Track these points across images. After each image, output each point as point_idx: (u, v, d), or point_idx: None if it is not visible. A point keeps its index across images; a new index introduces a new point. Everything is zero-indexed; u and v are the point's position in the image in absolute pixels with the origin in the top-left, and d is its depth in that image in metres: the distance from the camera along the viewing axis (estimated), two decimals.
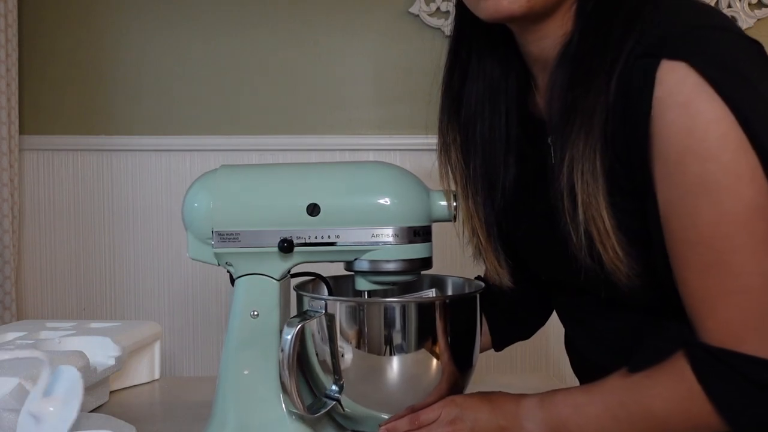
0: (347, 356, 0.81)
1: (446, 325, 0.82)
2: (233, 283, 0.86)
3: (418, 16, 1.83)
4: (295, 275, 0.91)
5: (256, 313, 0.84)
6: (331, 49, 1.85)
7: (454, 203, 0.85)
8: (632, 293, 0.77)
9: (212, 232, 0.83)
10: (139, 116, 1.88)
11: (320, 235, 0.82)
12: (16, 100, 1.81)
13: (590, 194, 0.74)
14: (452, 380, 0.84)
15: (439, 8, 1.83)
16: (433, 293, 0.95)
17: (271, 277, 0.84)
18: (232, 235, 0.83)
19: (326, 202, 0.82)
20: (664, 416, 0.72)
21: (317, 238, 0.82)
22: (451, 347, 0.83)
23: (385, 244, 0.82)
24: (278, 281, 0.84)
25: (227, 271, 0.86)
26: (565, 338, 0.99)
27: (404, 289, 0.95)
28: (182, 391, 1.17)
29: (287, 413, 0.83)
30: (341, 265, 0.87)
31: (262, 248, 0.82)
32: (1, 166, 1.77)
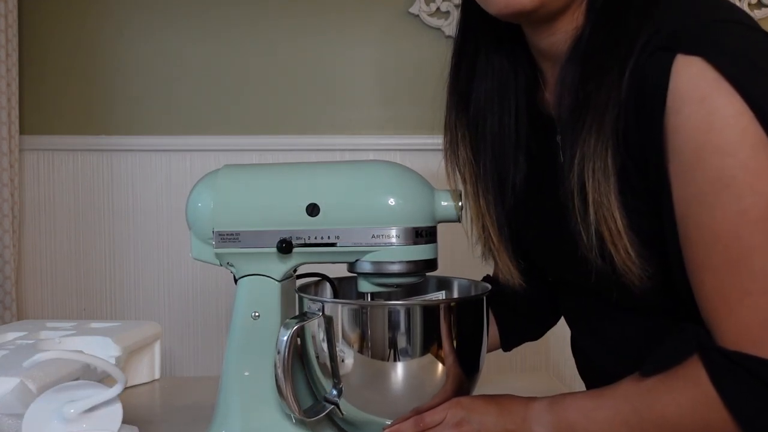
0: (347, 360, 0.80)
1: (452, 328, 0.80)
2: (236, 283, 0.85)
3: (418, 16, 1.83)
4: (300, 276, 0.91)
5: (257, 314, 0.83)
6: (331, 49, 1.85)
7: (460, 203, 0.83)
8: (644, 295, 0.75)
9: (213, 232, 0.82)
10: (139, 116, 1.88)
11: (320, 235, 0.81)
12: (16, 100, 1.81)
13: (601, 193, 0.72)
14: (458, 385, 0.82)
15: (439, 8, 1.83)
16: (442, 296, 0.93)
17: (271, 278, 0.83)
18: (232, 235, 0.82)
19: (326, 202, 0.81)
20: (678, 422, 0.70)
21: (317, 238, 0.81)
22: (457, 351, 0.81)
23: (386, 245, 0.80)
24: (279, 282, 0.84)
25: (230, 271, 0.86)
26: (571, 340, 0.98)
27: (410, 291, 0.93)
28: (182, 391, 1.17)
29: (288, 415, 0.83)
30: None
31: (262, 249, 0.82)
32: (1, 166, 1.77)
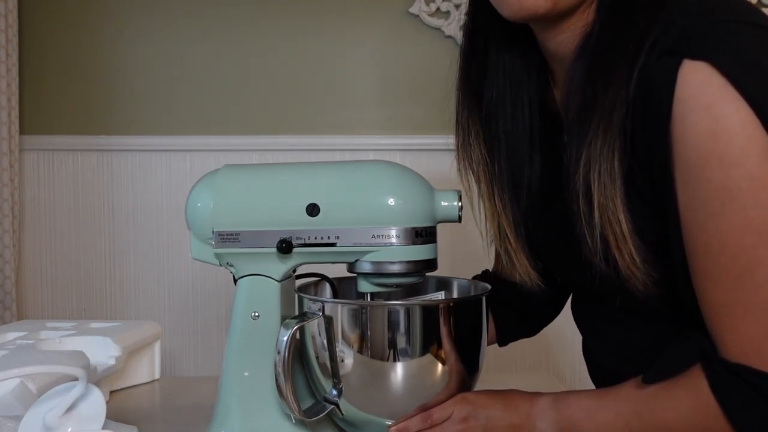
0: (347, 360, 0.80)
1: (451, 328, 0.80)
2: (236, 283, 0.85)
3: (418, 16, 1.83)
4: (300, 276, 0.91)
5: (256, 314, 0.83)
6: (331, 49, 1.85)
7: (459, 203, 0.82)
8: (649, 302, 0.75)
9: (213, 232, 0.82)
10: (139, 116, 1.88)
11: (320, 235, 0.81)
12: (16, 100, 1.81)
13: (607, 196, 0.71)
14: (457, 385, 0.82)
15: (439, 8, 1.83)
16: (441, 296, 0.93)
17: (271, 278, 0.83)
18: (231, 235, 0.82)
19: (326, 202, 0.81)
20: (677, 429, 0.70)
21: (317, 238, 0.81)
22: (456, 351, 0.81)
23: (386, 245, 0.80)
24: (279, 282, 0.84)
25: (230, 271, 0.86)
26: (582, 346, 0.97)
27: (410, 291, 0.93)
28: (182, 391, 1.17)
29: (288, 415, 0.82)
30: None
31: (261, 249, 0.82)
32: (1, 166, 1.77)
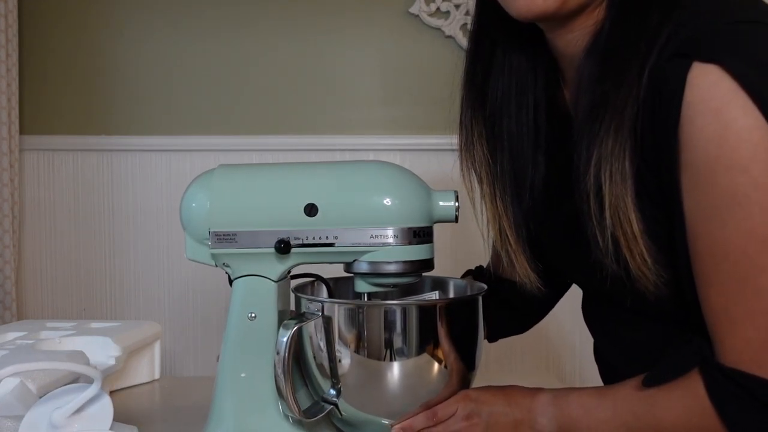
0: (345, 360, 0.80)
1: (448, 328, 0.81)
2: (231, 284, 0.85)
3: (418, 16, 1.83)
4: (294, 276, 0.91)
5: (253, 314, 0.83)
6: (330, 49, 1.85)
7: (456, 204, 0.83)
8: (659, 303, 0.75)
9: (209, 232, 0.82)
10: (139, 116, 1.88)
11: (318, 235, 0.81)
12: (16, 100, 1.81)
13: (618, 196, 0.71)
14: (454, 384, 0.83)
15: (439, 8, 1.83)
16: (435, 296, 0.93)
17: (268, 278, 0.83)
18: (228, 235, 0.82)
19: (324, 202, 0.81)
20: (674, 430, 0.71)
21: (315, 239, 0.81)
22: (453, 351, 0.81)
23: (384, 245, 0.80)
24: (276, 283, 0.84)
25: (225, 272, 0.86)
26: (594, 347, 0.97)
27: (405, 291, 0.93)
28: (182, 391, 1.18)
29: (284, 416, 0.83)
30: (342, 266, 0.86)
31: (259, 249, 0.81)
32: (1, 166, 1.77)
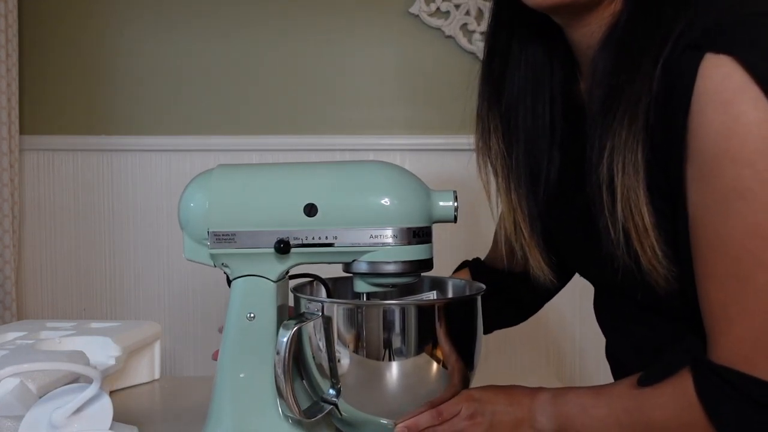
0: (345, 360, 0.80)
1: (447, 328, 0.81)
2: (230, 284, 0.85)
3: (418, 16, 1.83)
4: (293, 276, 0.91)
5: (252, 315, 0.83)
6: (330, 49, 1.85)
7: (455, 204, 0.83)
8: (669, 297, 0.74)
9: (208, 232, 0.82)
10: (139, 116, 1.88)
11: (318, 236, 0.81)
12: (16, 100, 1.81)
13: (630, 188, 0.70)
14: (454, 384, 0.83)
15: (439, 8, 1.82)
16: (433, 296, 0.93)
17: (267, 278, 0.83)
18: (227, 235, 0.82)
19: (324, 202, 0.81)
20: (663, 427, 0.72)
21: (315, 239, 0.81)
22: (452, 351, 0.82)
23: (384, 245, 0.80)
24: (275, 283, 0.84)
25: (224, 272, 0.86)
26: (606, 347, 0.97)
27: (404, 291, 0.93)
28: (182, 391, 1.18)
29: (284, 417, 0.83)
30: (341, 266, 0.86)
31: (258, 249, 0.82)
32: (1, 166, 1.77)
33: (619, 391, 0.76)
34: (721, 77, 0.64)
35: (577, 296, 1.05)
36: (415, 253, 0.82)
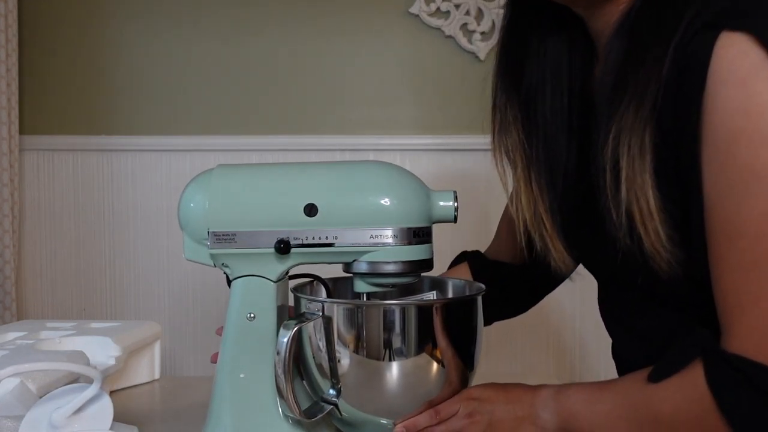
0: (345, 360, 0.80)
1: (447, 328, 0.81)
2: (230, 284, 0.85)
3: (418, 16, 1.83)
4: (293, 277, 0.91)
5: (252, 315, 0.83)
6: (330, 49, 1.85)
7: (455, 204, 0.83)
8: (672, 284, 0.73)
9: (208, 232, 0.82)
10: (139, 116, 1.88)
11: (318, 236, 0.81)
12: (16, 100, 1.81)
13: (635, 171, 0.69)
14: (453, 384, 0.83)
15: (439, 8, 1.82)
16: (433, 296, 0.94)
17: (267, 278, 0.83)
18: (227, 235, 0.82)
19: (324, 202, 0.81)
20: (672, 421, 0.69)
21: (315, 239, 0.81)
22: (451, 351, 0.82)
23: (384, 245, 0.80)
24: (275, 283, 0.84)
25: (224, 272, 0.86)
26: (612, 346, 0.96)
27: (404, 291, 0.94)
28: (182, 391, 1.18)
29: (284, 417, 0.83)
30: (340, 266, 0.87)
31: (258, 249, 0.82)
32: (1, 166, 1.77)
33: (625, 385, 0.75)
34: (736, 55, 0.63)
35: (577, 296, 1.05)
36: (415, 253, 0.82)
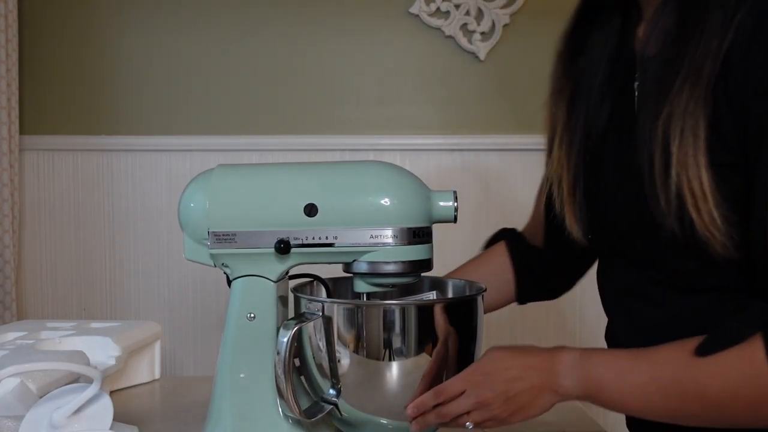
0: (345, 360, 0.80)
1: (447, 328, 0.81)
2: (230, 284, 0.85)
3: (418, 16, 1.83)
4: (293, 277, 0.91)
5: (252, 315, 0.83)
6: (330, 49, 1.85)
7: (455, 204, 0.83)
8: (726, 266, 0.69)
9: (208, 232, 0.82)
10: (139, 116, 1.88)
11: (318, 236, 0.81)
12: (16, 100, 1.81)
13: (688, 153, 0.66)
14: None
15: (439, 8, 1.82)
16: (433, 296, 0.94)
17: (267, 278, 0.83)
18: (228, 235, 0.82)
19: (324, 202, 0.81)
20: (720, 398, 0.65)
21: (315, 239, 0.81)
22: (451, 351, 0.81)
23: (384, 245, 0.81)
24: (275, 283, 0.84)
25: (224, 272, 0.86)
26: (606, 327, 0.93)
27: (404, 291, 0.94)
28: (182, 391, 1.18)
29: (284, 417, 0.83)
30: (340, 266, 0.86)
31: (258, 249, 0.82)
32: (1, 166, 1.77)
33: (666, 356, 0.68)
34: None
35: (577, 296, 1.05)
36: (415, 253, 0.82)
